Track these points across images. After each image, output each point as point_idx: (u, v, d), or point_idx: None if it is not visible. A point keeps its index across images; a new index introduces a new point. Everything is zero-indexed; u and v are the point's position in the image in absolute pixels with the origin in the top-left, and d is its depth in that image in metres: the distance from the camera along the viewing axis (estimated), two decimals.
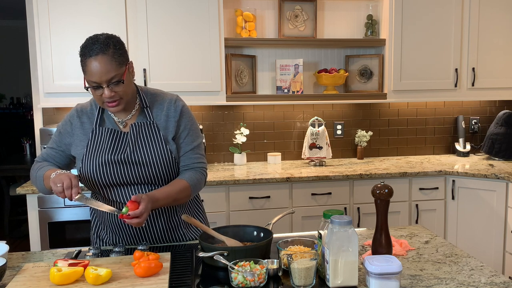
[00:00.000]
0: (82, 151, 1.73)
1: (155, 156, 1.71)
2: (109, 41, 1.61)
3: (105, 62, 1.56)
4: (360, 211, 3.15)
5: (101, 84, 1.58)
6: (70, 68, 3.04)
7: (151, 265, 1.43)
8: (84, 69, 1.60)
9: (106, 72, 1.56)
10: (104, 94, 1.59)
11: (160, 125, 1.74)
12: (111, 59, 1.58)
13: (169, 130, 1.75)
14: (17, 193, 2.83)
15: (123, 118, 1.74)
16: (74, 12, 3.00)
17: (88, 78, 1.59)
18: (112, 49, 1.59)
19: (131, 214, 1.52)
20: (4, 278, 1.46)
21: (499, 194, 3.06)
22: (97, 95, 1.62)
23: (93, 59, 1.56)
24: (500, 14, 3.45)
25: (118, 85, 1.60)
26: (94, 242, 1.90)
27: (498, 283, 1.40)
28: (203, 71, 3.17)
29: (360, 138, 3.65)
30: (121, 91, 1.62)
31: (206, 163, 1.86)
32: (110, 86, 1.58)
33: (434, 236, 1.84)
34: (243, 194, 3.01)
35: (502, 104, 3.94)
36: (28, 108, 7.33)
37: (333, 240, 1.35)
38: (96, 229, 1.89)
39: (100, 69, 1.56)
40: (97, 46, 1.58)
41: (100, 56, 1.56)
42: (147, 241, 1.81)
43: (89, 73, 1.58)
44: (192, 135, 1.79)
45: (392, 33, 3.36)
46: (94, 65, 1.56)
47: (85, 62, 1.59)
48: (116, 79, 1.59)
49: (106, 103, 1.63)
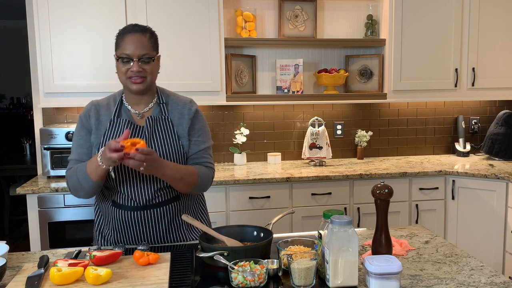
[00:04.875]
0: (98, 140, 1.78)
1: (166, 149, 1.77)
2: (148, 28, 1.77)
3: (141, 40, 1.71)
4: (360, 211, 3.15)
5: (132, 57, 1.70)
6: (70, 68, 3.04)
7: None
8: (118, 44, 1.72)
9: (140, 48, 1.70)
10: (132, 68, 1.70)
11: (174, 121, 1.82)
12: (147, 40, 1.73)
13: (182, 127, 1.82)
14: (17, 193, 2.83)
15: (140, 111, 1.82)
16: (74, 12, 3.01)
17: (121, 51, 1.71)
18: (149, 34, 1.76)
19: (140, 150, 1.54)
20: (4, 278, 1.46)
21: (499, 194, 3.06)
22: (124, 68, 1.72)
23: (130, 35, 1.71)
24: (500, 14, 3.46)
25: (148, 64, 1.73)
26: (96, 240, 1.91)
27: (498, 283, 1.40)
28: (203, 71, 3.17)
29: (360, 138, 3.65)
30: (148, 70, 1.73)
31: (214, 166, 1.90)
32: (140, 61, 1.70)
33: (434, 236, 1.84)
34: (243, 194, 3.01)
35: (502, 104, 3.94)
36: (28, 108, 7.33)
37: (333, 240, 1.35)
38: (99, 226, 1.90)
39: (135, 44, 1.69)
40: (137, 28, 1.74)
41: (138, 34, 1.72)
42: (149, 240, 1.81)
43: (123, 46, 1.70)
44: (204, 137, 1.86)
45: (392, 33, 3.36)
46: (130, 39, 1.70)
47: (122, 37, 1.72)
48: (147, 57, 1.72)
49: (131, 79, 1.73)
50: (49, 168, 3.03)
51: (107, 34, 3.04)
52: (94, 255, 1.51)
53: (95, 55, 3.06)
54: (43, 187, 2.84)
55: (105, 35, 3.04)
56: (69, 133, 3.01)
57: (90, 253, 1.53)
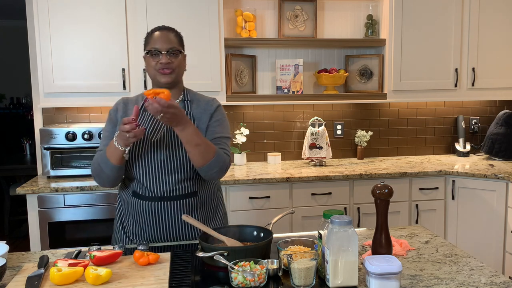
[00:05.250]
0: None
1: None
2: (174, 28, 1.90)
3: (168, 35, 1.83)
4: (360, 211, 3.15)
5: (161, 50, 1.80)
6: (70, 68, 3.04)
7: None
8: (148, 40, 1.84)
9: (168, 41, 1.81)
10: (161, 60, 1.79)
11: (196, 116, 1.89)
12: (174, 36, 1.85)
13: (203, 121, 1.89)
14: (17, 193, 2.83)
15: None
16: (74, 12, 3.01)
17: (151, 46, 1.82)
18: (175, 32, 1.88)
19: (157, 99, 1.57)
20: (4, 278, 1.46)
21: (499, 194, 3.06)
22: (154, 61, 1.81)
23: (158, 32, 1.84)
24: (500, 14, 3.46)
25: (176, 57, 1.83)
26: (117, 231, 1.95)
27: (498, 283, 1.40)
28: (203, 71, 3.17)
29: (360, 138, 3.65)
30: (176, 63, 1.83)
31: (230, 158, 1.90)
32: (168, 54, 1.80)
33: (434, 236, 1.84)
34: (243, 194, 3.01)
35: (502, 104, 3.94)
36: (28, 108, 7.33)
37: (333, 240, 1.35)
38: (120, 217, 1.95)
39: (163, 38, 1.82)
40: (164, 26, 1.88)
41: (165, 31, 1.85)
42: (166, 235, 1.85)
43: (152, 41, 1.82)
44: (221, 128, 1.91)
45: (392, 33, 3.36)
46: (158, 35, 1.82)
47: (151, 35, 1.84)
48: (175, 49, 1.82)
49: (160, 71, 1.81)
50: (49, 168, 3.03)
51: (107, 34, 3.04)
52: (94, 255, 1.51)
53: (95, 55, 3.06)
54: (43, 187, 2.84)
55: (105, 35, 3.04)
56: (69, 133, 3.00)
57: (90, 253, 1.53)
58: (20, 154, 5.71)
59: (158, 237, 1.85)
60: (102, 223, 2.89)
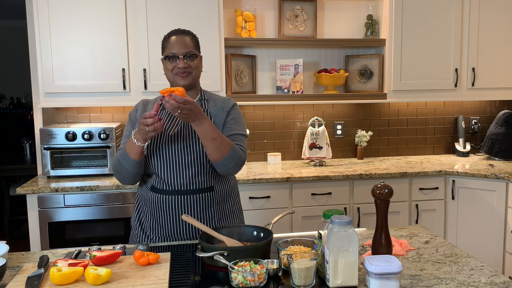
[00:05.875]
0: None
1: None
2: (190, 31, 1.93)
3: (184, 40, 1.87)
4: (360, 211, 3.15)
5: (178, 55, 1.84)
6: (70, 68, 3.04)
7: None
8: (165, 45, 1.88)
9: (184, 46, 1.85)
10: (179, 65, 1.84)
11: (212, 113, 1.93)
12: (190, 40, 1.89)
13: (220, 118, 1.92)
14: (17, 193, 2.83)
15: None
16: (74, 12, 3.01)
17: (168, 51, 1.86)
18: (191, 36, 1.92)
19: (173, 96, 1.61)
20: (4, 278, 1.46)
21: (499, 194, 3.06)
22: (171, 66, 1.86)
23: (175, 36, 1.88)
24: (500, 14, 3.45)
25: (192, 60, 1.87)
26: (134, 228, 1.98)
27: (498, 283, 1.40)
28: (203, 71, 3.15)
29: (360, 138, 3.65)
30: (193, 66, 1.88)
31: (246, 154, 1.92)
32: (185, 58, 1.85)
33: (434, 236, 1.84)
34: (243, 194, 3.01)
35: (502, 104, 3.94)
36: (28, 108, 7.33)
37: (333, 240, 1.35)
38: (138, 213, 1.98)
39: (180, 43, 1.86)
40: (180, 30, 1.91)
41: (182, 35, 1.88)
42: (181, 230, 1.86)
43: (169, 46, 1.86)
44: (237, 125, 1.94)
45: (392, 33, 3.36)
46: (175, 40, 1.86)
47: (168, 39, 1.88)
48: (191, 53, 1.87)
49: (178, 74, 1.86)
50: (49, 168, 3.03)
51: (107, 34, 3.04)
52: (94, 255, 1.51)
53: (95, 55, 3.06)
54: (43, 187, 2.84)
55: (105, 35, 3.04)
56: (69, 133, 3.00)
57: (90, 253, 1.53)
58: (20, 154, 5.71)
59: (174, 232, 1.87)
60: (102, 223, 2.89)
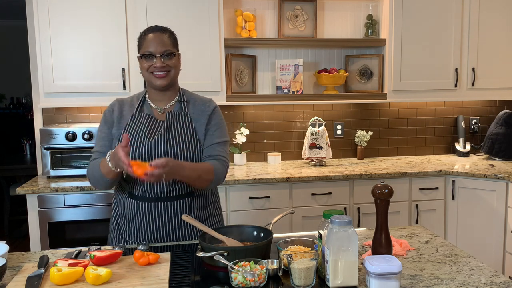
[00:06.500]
0: (119, 132, 1.87)
1: (183, 143, 1.82)
2: (167, 28, 1.86)
3: (162, 37, 1.81)
4: (360, 211, 3.15)
5: (155, 53, 1.78)
6: (70, 68, 3.04)
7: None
8: (141, 43, 1.82)
9: (162, 45, 1.79)
10: (156, 64, 1.79)
11: (193, 117, 1.89)
12: (168, 37, 1.83)
13: (201, 122, 1.89)
14: (17, 193, 2.83)
15: (162, 107, 1.89)
16: (74, 12, 3.01)
17: (144, 49, 1.80)
18: (169, 33, 1.85)
19: (153, 164, 1.57)
20: (4, 278, 1.46)
21: (499, 194, 3.06)
22: (147, 64, 1.80)
23: (152, 34, 1.81)
24: (500, 14, 3.45)
25: (170, 59, 1.82)
26: (112, 232, 1.95)
27: (498, 283, 1.40)
28: (203, 71, 3.17)
29: (360, 138, 3.65)
30: (171, 64, 1.82)
31: (229, 161, 1.93)
32: (162, 57, 1.79)
33: (434, 236, 1.84)
34: (243, 194, 3.01)
35: (502, 104, 3.94)
36: (28, 108, 7.33)
37: (333, 240, 1.35)
38: (116, 219, 1.94)
39: (157, 41, 1.79)
40: (157, 27, 1.84)
41: (159, 32, 1.82)
42: (162, 236, 1.84)
43: (146, 44, 1.80)
44: (221, 132, 1.92)
45: (392, 33, 3.36)
46: (152, 37, 1.80)
47: (144, 37, 1.82)
48: (169, 52, 1.81)
49: (155, 74, 1.81)
50: (49, 168, 3.03)
51: (107, 35, 3.04)
52: (94, 255, 1.51)
53: (95, 55, 3.06)
54: (43, 187, 2.84)
55: (105, 35, 3.04)
56: (69, 133, 3.00)
57: (90, 253, 1.53)
58: (20, 154, 5.71)
59: (154, 238, 1.84)
60: (102, 223, 2.89)
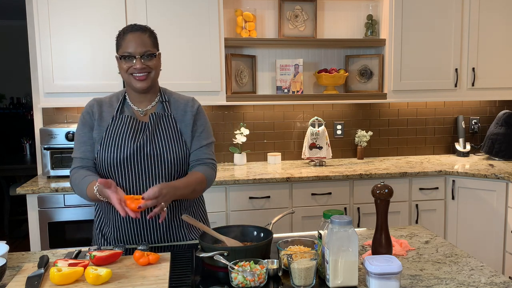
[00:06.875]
0: (100, 135, 1.79)
1: (170, 145, 1.79)
2: (147, 27, 1.80)
3: (142, 38, 1.74)
4: (360, 211, 3.15)
5: (134, 55, 1.72)
6: (70, 68, 3.04)
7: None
8: (120, 43, 1.75)
9: (142, 45, 1.73)
10: (135, 66, 1.72)
11: (177, 118, 1.84)
12: (148, 37, 1.76)
13: (186, 123, 1.84)
14: (17, 193, 2.83)
15: (143, 108, 1.84)
16: (74, 12, 3.00)
17: (123, 50, 1.73)
18: (149, 32, 1.78)
19: (145, 197, 1.55)
20: (4, 278, 1.46)
21: (499, 194, 3.06)
22: (126, 66, 1.74)
23: (131, 34, 1.74)
24: (500, 14, 3.45)
25: (150, 60, 1.75)
26: (96, 238, 1.91)
27: (498, 283, 1.40)
28: (203, 71, 3.17)
29: (360, 138, 3.65)
30: (151, 66, 1.75)
31: (216, 161, 1.93)
32: (142, 58, 1.73)
33: (434, 236, 1.84)
34: (243, 194, 3.01)
35: (502, 104, 3.94)
36: (28, 108, 7.33)
37: (333, 240, 1.35)
38: (99, 225, 1.91)
39: (137, 41, 1.72)
40: (136, 27, 1.77)
41: (138, 33, 1.75)
42: (148, 240, 1.81)
43: (125, 45, 1.73)
44: (206, 133, 1.89)
45: (392, 33, 3.36)
46: (131, 38, 1.73)
47: (123, 36, 1.75)
48: (149, 53, 1.74)
49: (134, 76, 1.74)
50: (49, 168, 3.03)
51: (107, 34, 3.04)
52: (94, 255, 1.51)
53: (95, 55, 3.06)
54: (43, 187, 2.84)
55: (105, 35, 3.04)
56: (69, 133, 3.00)
57: (90, 253, 1.53)
58: (20, 154, 5.71)
59: (137, 243, 1.82)
60: None
